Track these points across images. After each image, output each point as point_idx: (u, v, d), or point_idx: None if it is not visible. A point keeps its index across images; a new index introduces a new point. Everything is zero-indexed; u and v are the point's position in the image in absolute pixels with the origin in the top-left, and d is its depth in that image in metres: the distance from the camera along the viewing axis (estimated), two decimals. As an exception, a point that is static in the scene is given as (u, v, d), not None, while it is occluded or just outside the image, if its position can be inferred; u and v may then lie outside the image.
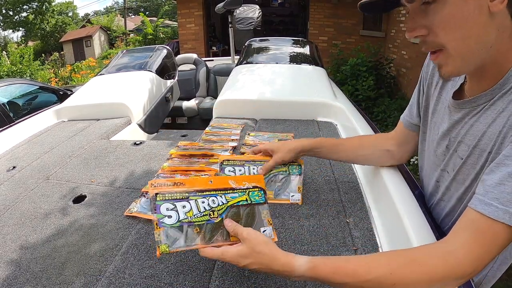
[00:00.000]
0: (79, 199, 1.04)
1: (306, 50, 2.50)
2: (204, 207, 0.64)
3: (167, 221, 0.61)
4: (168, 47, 2.70)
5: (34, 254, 0.80)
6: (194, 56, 3.64)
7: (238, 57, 2.60)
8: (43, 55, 13.77)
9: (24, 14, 22.31)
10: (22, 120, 1.79)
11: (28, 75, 8.93)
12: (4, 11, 22.08)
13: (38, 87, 4.17)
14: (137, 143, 1.45)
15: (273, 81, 1.92)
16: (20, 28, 23.21)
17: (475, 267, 0.51)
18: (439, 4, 0.53)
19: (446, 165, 0.71)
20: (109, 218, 0.92)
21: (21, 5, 21.82)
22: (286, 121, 1.65)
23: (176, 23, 11.64)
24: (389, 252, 0.68)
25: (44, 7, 22.25)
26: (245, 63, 2.26)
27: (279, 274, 0.58)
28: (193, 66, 3.58)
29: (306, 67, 2.14)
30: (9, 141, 1.57)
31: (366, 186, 1.02)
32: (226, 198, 0.67)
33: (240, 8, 4.14)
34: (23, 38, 24.15)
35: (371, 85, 5.20)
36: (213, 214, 0.64)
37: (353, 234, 0.81)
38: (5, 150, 1.51)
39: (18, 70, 8.96)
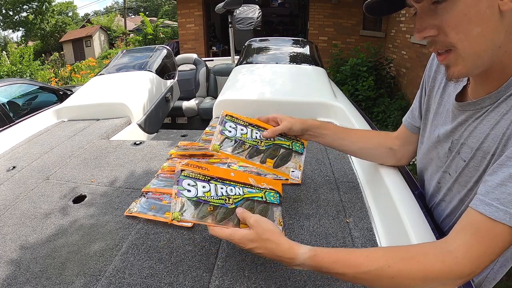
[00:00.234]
0: (79, 199, 1.04)
1: (306, 50, 2.49)
2: (222, 193, 0.68)
3: (186, 193, 0.64)
4: (168, 47, 2.69)
5: (34, 254, 0.80)
6: (194, 56, 3.64)
7: (238, 57, 2.60)
8: (43, 55, 13.76)
9: (24, 14, 22.35)
10: (22, 120, 1.79)
11: (28, 75, 8.91)
12: (4, 11, 22.11)
13: (38, 87, 4.16)
14: (137, 143, 1.45)
15: (273, 81, 1.92)
16: (20, 28, 23.24)
17: (474, 267, 0.51)
18: (450, 3, 0.52)
19: (448, 167, 0.70)
20: (109, 218, 0.92)
21: (21, 5, 21.85)
22: None
23: (176, 23, 11.66)
24: (389, 247, 0.70)
25: (44, 7, 22.26)
26: (245, 63, 2.26)
27: (281, 260, 0.60)
28: (193, 66, 3.58)
29: (306, 67, 2.13)
30: (9, 141, 1.57)
31: (366, 186, 1.02)
32: (244, 191, 0.71)
33: (240, 8, 4.15)
34: (23, 38, 24.16)
35: (371, 85, 5.20)
36: (229, 200, 0.68)
37: (353, 234, 0.81)
38: (5, 150, 1.51)
39: (18, 70, 8.94)
